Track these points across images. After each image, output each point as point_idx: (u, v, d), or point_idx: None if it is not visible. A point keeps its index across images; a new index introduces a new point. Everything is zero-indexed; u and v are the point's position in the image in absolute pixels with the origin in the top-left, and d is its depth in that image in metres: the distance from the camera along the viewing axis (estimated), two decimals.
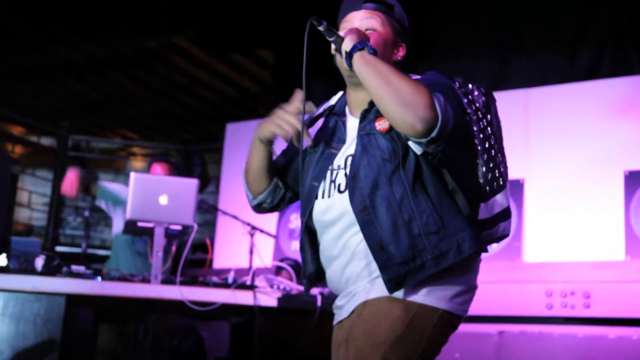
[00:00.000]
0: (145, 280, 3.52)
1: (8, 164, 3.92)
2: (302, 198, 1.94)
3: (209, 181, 7.78)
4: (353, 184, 1.79)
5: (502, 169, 1.88)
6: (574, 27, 5.01)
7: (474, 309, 4.28)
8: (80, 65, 7.59)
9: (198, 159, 7.76)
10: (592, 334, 4.16)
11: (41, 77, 7.97)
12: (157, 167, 4.64)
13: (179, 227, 3.66)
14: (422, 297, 1.76)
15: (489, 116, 1.89)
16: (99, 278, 3.42)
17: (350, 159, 1.84)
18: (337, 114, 1.97)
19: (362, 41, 1.77)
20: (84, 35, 6.90)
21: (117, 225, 4.58)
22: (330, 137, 1.92)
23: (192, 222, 3.61)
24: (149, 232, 3.75)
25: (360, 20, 1.92)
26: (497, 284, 4.42)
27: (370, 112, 1.86)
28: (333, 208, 1.84)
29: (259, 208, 2.10)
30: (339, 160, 1.88)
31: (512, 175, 4.64)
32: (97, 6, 6.35)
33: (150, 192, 3.58)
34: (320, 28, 1.78)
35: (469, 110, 1.85)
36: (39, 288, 3.26)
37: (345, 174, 1.83)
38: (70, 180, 4.40)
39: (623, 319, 4.15)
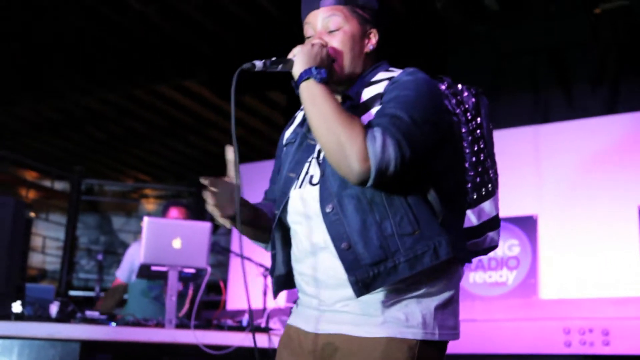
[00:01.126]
0: (160, 324, 3.50)
1: (23, 210, 3.90)
2: (277, 193, 1.80)
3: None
4: (323, 181, 1.67)
5: (491, 175, 1.79)
6: (584, 64, 5.02)
7: (493, 347, 4.25)
8: (93, 110, 7.69)
9: None
10: None
11: (54, 123, 8.08)
12: (174, 211, 4.64)
13: (192, 270, 3.66)
14: (416, 330, 1.61)
15: (478, 118, 1.79)
16: (114, 323, 3.41)
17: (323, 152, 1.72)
18: None
19: (308, 69, 1.65)
20: (97, 83, 7.02)
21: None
22: (308, 128, 1.75)
23: (205, 265, 3.62)
24: (162, 276, 3.73)
25: (321, 20, 1.77)
26: (513, 321, 4.36)
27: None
28: (304, 201, 1.71)
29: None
30: (315, 152, 1.75)
31: (525, 211, 4.70)
32: (110, 54, 6.47)
33: (163, 236, 3.59)
34: (258, 69, 1.68)
35: (457, 111, 1.77)
36: (54, 335, 3.23)
37: (319, 163, 1.72)
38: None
39: None
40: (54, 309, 3.43)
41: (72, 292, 7.41)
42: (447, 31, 5.57)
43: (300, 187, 1.72)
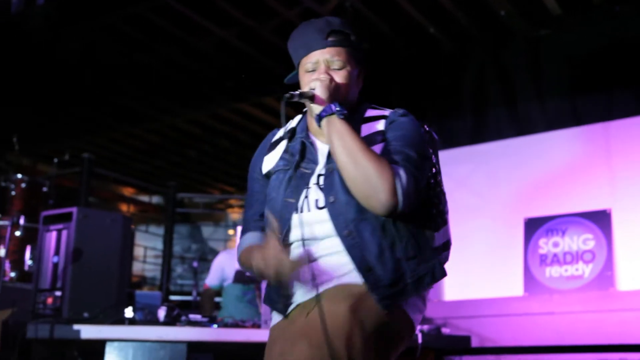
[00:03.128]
0: (256, 325, 3.54)
1: (129, 225, 4.07)
2: (271, 216, 1.77)
3: None
4: (334, 208, 1.73)
5: (446, 204, 1.89)
6: None
7: (572, 339, 4.16)
8: (182, 130, 7.92)
9: None
10: None
11: (149, 144, 8.34)
12: None
13: None
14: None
15: (433, 157, 1.89)
16: (215, 325, 3.48)
17: (322, 178, 1.79)
18: (301, 137, 1.87)
19: (331, 105, 1.73)
20: (185, 105, 7.23)
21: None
22: (301, 157, 1.83)
23: None
24: (256, 280, 3.79)
25: (326, 59, 1.82)
26: (592, 313, 4.27)
27: None
28: (310, 224, 1.76)
29: None
30: (313, 180, 1.80)
31: (598, 206, 4.59)
32: (195, 78, 6.66)
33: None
34: (295, 99, 1.75)
35: (430, 151, 1.85)
36: (163, 337, 3.33)
37: (321, 189, 1.76)
38: None
39: None
40: (161, 313, 3.52)
41: (171, 297, 7.62)
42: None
43: (301, 211, 1.77)
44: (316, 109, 1.76)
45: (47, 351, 3.78)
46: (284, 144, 1.90)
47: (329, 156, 1.80)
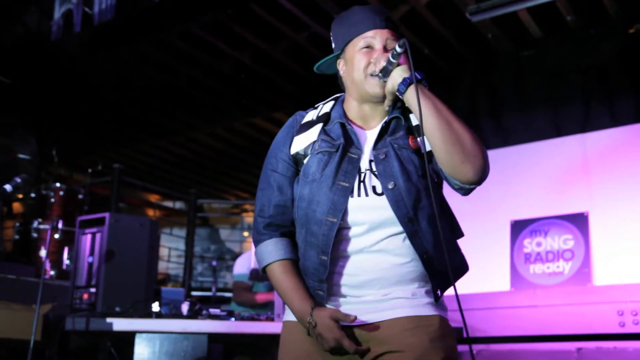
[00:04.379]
0: (270, 319, 3.55)
1: (156, 228, 4.09)
2: (319, 197, 1.57)
3: None
4: (394, 193, 1.54)
5: None
6: (623, 78, 4.89)
7: (553, 329, 4.15)
8: (201, 142, 7.95)
9: None
10: None
11: (172, 155, 8.38)
12: None
13: None
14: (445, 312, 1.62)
15: None
16: (233, 318, 3.48)
17: (375, 164, 1.58)
18: (340, 122, 1.65)
19: (416, 72, 1.52)
20: (204, 120, 7.26)
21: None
22: (347, 142, 1.61)
23: None
24: (268, 278, 3.76)
25: (384, 39, 1.62)
26: (571, 306, 4.25)
27: (390, 126, 1.64)
28: (377, 210, 1.55)
29: None
30: (364, 165, 1.59)
31: (576, 209, 4.58)
32: (213, 96, 6.69)
33: None
34: (401, 49, 1.52)
35: None
36: (186, 329, 3.34)
37: (375, 175, 1.57)
38: None
39: None
40: (185, 308, 3.53)
41: (193, 293, 7.63)
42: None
43: (359, 195, 1.56)
44: (403, 72, 1.54)
45: (83, 342, 3.81)
46: (318, 127, 1.66)
47: (377, 142, 1.61)
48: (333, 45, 1.73)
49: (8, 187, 2.75)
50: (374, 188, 1.56)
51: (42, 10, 5.47)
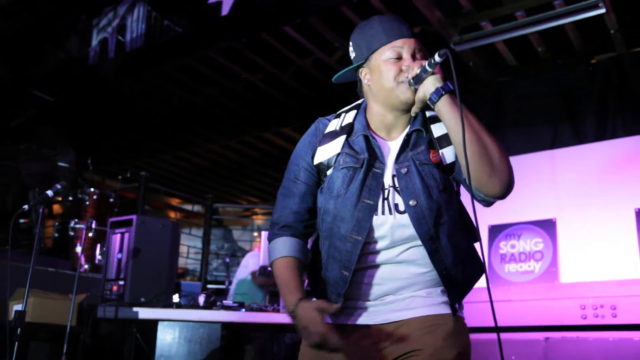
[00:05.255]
0: (276, 310, 3.55)
1: (178, 229, 4.10)
2: (344, 214, 1.42)
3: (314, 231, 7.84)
4: (415, 211, 1.39)
5: None
6: (586, 103, 4.93)
7: (525, 321, 4.17)
8: (217, 153, 7.97)
9: None
10: (620, 337, 3.91)
11: (192, 164, 8.40)
12: None
13: None
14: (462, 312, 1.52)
15: None
16: (243, 309, 3.48)
17: (397, 180, 1.42)
18: (363, 133, 1.48)
19: (448, 82, 1.36)
20: (220, 134, 7.28)
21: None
22: (371, 156, 1.44)
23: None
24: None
25: (412, 48, 1.45)
26: (540, 300, 4.25)
27: (411, 138, 1.47)
28: (401, 227, 1.41)
29: None
30: (387, 180, 1.43)
31: (546, 216, 4.60)
32: (228, 112, 6.72)
33: None
34: (440, 59, 1.36)
35: None
36: (203, 318, 3.35)
37: (397, 192, 1.42)
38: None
39: None
40: (201, 299, 3.56)
41: (208, 286, 7.64)
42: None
43: (383, 214, 1.42)
44: (437, 82, 1.37)
45: (112, 327, 3.82)
46: (341, 138, 1.48)
47: (399, 155, 1.45)
48: (353, 55, 1.53)
49: (50, 192, 2.79)
50: (396, 206, 1.42)
51: (82, 38, 5.51)
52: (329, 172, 1.49)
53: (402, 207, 1.41)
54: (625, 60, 4.80)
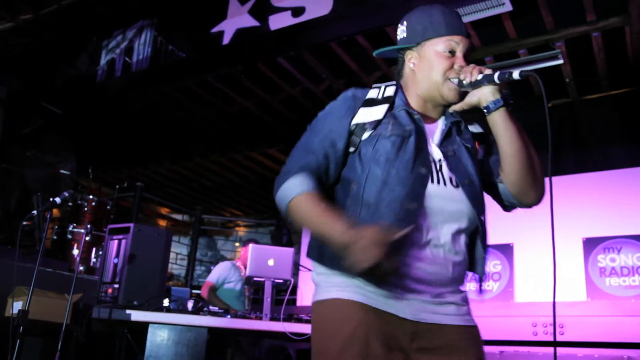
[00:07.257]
0: (258, 317, 3.48)
1: (170, 238, 4.05)
2: (396, 180, 1.23)
3: (293, 245, 7.83)
4: (471, 189, 1.28)
5: None
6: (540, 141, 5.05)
7: (482, 335, 4.20)
8: (207, 168, 7.92)
9: (285, 230, 7.83)
10: (566, 353, 3.98)
11: (182, 177, 8.32)
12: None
13: (281, 280, 3.59)
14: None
15: None
16: (229, 316, 3.42)
17: (446, 159, 1.30)
18: (406, 109, 1.33)
19: (508, 94, 1.26)
20: (212, 150, 7.25)
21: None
22: (417, 131, 1.29)
23: (290, 277, 3.55)
24: (260, 284, 3.68)
25: (465, 47, 1.33)
26: (496, 317, 4.30)
27: (454, 126, 1.37)
28: (452, 201, 1.27)
29: None
30: (436, 155, 1.30)
31: (505, 240, 4.67)
32: (220, 131, 6.71)
33: (262, 257, 3.53)
34: (519, 78, 1.24)
35: None
36: (190, 323, 3.29)
37: (448, 167, 1.29)
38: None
39: (588, 342, 3.97)
40: (190, 304, 3.49)
41: (194, 291, 7.51)
42: None
43: (444, 184, 1.27)
44: (496, 92, 1.26)
45: (104, 327, 3.73)
46: (383, 107, 1.32)
47: (444, 138, 1.33)
48: (403, 35, 1.37)
49: (58, 199, 2.73)
50: (451, 179, 1.28)
51: (92, 57, 5.47)
52: (363, 137, 1.29)
53: (455, 182, 1.28)
54: (578, 106, 4.96)
